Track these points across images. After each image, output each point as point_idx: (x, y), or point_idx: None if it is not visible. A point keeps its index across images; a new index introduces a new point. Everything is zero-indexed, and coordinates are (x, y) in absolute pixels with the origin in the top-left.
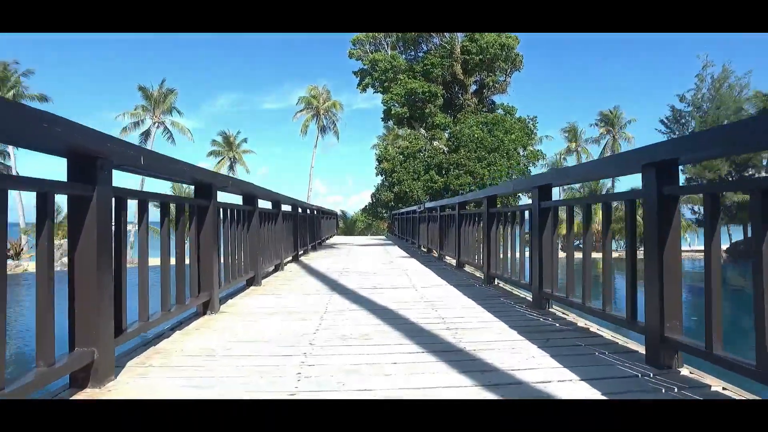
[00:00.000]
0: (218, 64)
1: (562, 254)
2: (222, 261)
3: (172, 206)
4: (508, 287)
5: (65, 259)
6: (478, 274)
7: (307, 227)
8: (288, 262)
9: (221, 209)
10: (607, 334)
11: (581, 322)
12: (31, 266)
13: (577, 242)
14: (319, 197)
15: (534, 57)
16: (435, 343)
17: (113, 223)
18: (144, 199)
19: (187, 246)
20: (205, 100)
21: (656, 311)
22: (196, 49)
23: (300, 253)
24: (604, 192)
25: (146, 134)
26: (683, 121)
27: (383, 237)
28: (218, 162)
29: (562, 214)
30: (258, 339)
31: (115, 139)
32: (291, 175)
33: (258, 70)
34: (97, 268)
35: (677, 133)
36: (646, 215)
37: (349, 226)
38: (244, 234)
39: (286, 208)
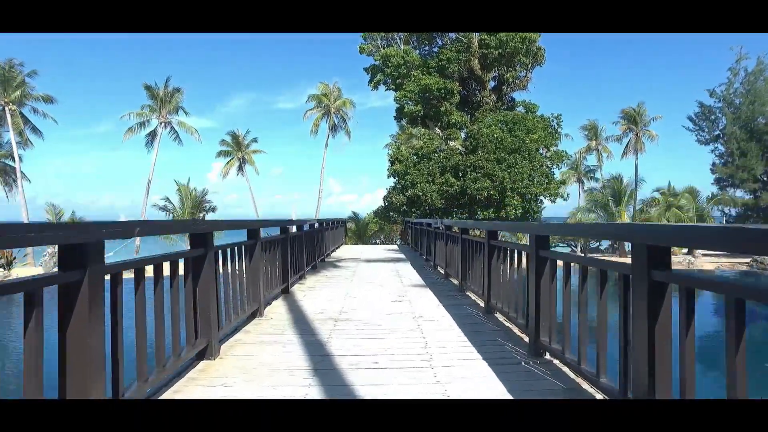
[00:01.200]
0: (232, 64)
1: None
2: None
3: None
4: (568, 370)
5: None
6: (516, 330)
7: (304, 248)
8: (274, 297)
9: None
10: None
11: None
12: (22, 275)
13: None
14: (333, 196)
15: (551, 52)
16: None
17: None
18: None
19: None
20: (220, 101)
21: None
22: (209, 50)
23: (293, 281)
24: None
25: (152, 135)
26: (713, 117)
27: (396, 247)
28: (227, 162)
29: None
30: None
31: None
32: (306, 175)
33: (272, 70)
34: None
35: (706, 130)
36: None
37: (361, 229)
38: (189, 292)
39: (273, 230)
